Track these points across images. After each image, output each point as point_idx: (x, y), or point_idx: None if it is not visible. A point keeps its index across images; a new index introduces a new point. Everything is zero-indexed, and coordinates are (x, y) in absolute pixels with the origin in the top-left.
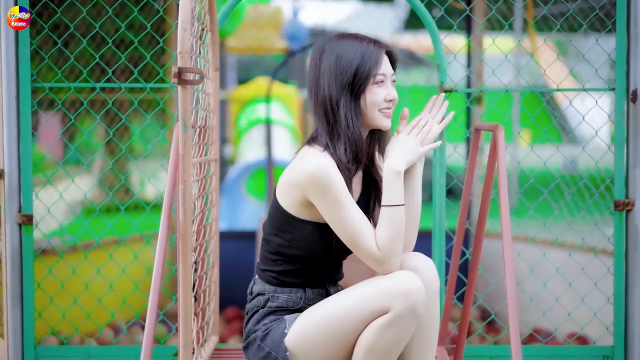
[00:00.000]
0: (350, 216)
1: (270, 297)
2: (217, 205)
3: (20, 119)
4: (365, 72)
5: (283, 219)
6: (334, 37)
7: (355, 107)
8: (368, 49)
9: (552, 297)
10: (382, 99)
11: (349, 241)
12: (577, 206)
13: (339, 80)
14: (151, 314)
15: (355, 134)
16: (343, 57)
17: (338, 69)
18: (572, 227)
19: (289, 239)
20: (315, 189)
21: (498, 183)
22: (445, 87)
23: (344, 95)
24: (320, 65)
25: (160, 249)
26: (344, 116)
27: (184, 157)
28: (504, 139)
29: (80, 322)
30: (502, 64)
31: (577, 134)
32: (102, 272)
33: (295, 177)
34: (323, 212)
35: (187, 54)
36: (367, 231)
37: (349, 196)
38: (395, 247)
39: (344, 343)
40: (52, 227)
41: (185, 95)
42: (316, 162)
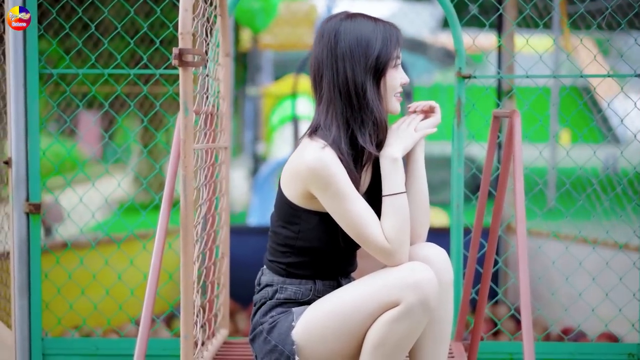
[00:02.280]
0: (354, 209)
1: (278, 288)
2: (227, 194)
3: (27, 105)
4: (387, 54)
5: (289, 210)
6: (343, 17)
7: (377, 91)
8: (386, 30)
9: (582, 295)
10: (398, 83)
11: (354, 234)
12: (613, 209)
13: (362, 63)
14: (147, 308)
15: (382, 118)
16: (363, 39)
17: (360, 51)
18: (605, 225)
19: (296, 230)
20: (316, 182)
21: (513, 170)
22: (463, 73)
23: (368, 79)
24: (336, 48)
25: (159, 238)
26: (371, 101)
27: (185, 141)
28: (520, 125)
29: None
30: (536, 62)
31: (618, 134)
32: (114, 265)
33: (297, 169)
34: (326, 205)
35: (187, 34)
36: (372, 223)
37: (352, 188)
38: (402, 237)
39: (352, 336)
40: (89, 223)
41: (186, 77)
42: (315, 154)
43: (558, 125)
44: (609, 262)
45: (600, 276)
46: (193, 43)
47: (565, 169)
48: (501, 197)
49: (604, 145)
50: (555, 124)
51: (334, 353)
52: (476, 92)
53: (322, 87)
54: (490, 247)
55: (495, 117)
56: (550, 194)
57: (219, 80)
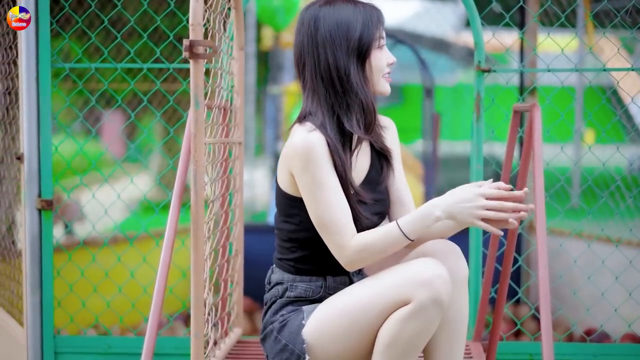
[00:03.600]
0: (327, 199)
1: (288, 286)
2: (241, 190)
3: (39, 100)
4: (370, 36)
5: (287, 203)
6: (322, 3)
7: (363, 74)
8: (367, 12)
9: (606, 295)
10: (384, 64)
11: (318, 224)
12: (638, 207)
13: (344, 47)
14: (155, 306)
15: (368, 101)
16: (343, 23)
17: (341, 35)
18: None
19: (297, 222)
20: (296, 163)
21: (533, 165)
22: (483, 67)
23: (351, 62)
24: (316, 34)
25: (168, 235)
26: (355, 84)
27: (196, 135)
28: (540, 119)
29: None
30: (557, 59)
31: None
32: (128, 263)
33: (285, 153)
34: (301, 189)
35: (198, 25)
36: (341, 219)
37: (334, 179)
38: (365, 258)
39: (363, 335)
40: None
41: (197, 69)
42: (303, 136)
43: (583, 123)
44: (633, 261)
45: (624, 275)
46: (207, 36)
47: (590, 168)
48: None
49: (629, 143)
50: (580, 122)
51: (345, 352)
52: (498, 90)
53: (305, 76)
54: (509, 245)
55: (515, 111)
56: (574, 193)
57: (233, 74)
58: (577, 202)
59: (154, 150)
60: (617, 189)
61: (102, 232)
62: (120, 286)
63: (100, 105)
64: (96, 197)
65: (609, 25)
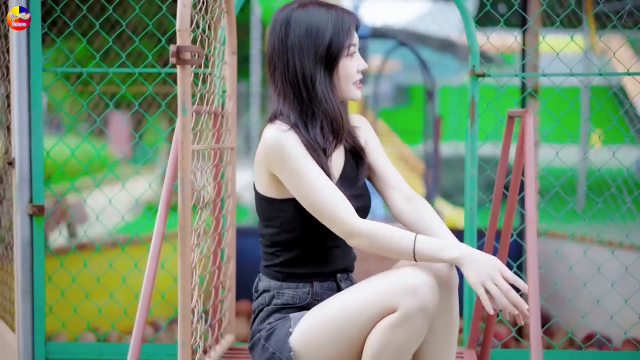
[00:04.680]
0: (315, 182)
1: (275, 293)
2: (233, 195)
3: (31, 105)
4: (339, 44)
5: (266, 206)
6: (296, 6)
7: (330, 82)
8: (338, 18)
9: (613, 300)
10: (354, 71)
11: (318, 210)
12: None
13: (312, 54)
14: (141, 311)
15: (334, 110)
16: (313, 29)
17: (310, 42)
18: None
19: (278, 224)
20: (274, 159)
21: (524, 171)
22: (477, 72)
23: (318, 70)
24: (286, 39)
25: (155, 242)
26: (321, 93)
27: (183, 142)
28: (532, 124)
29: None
30: (552, 60)
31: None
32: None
33: (259, 154)
34: (287, 184)
35: (186, 31)
36: (336, 196)
37: (315, 165)
38: (369, 244)
39: (351, 343)
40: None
41: (184, 75)
42: (275, 133)
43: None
44: (631, 265)
45: (625, 280)
46: (195, 41)
47: (595, 170)
48: (513, 198)
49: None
50: (585, 125)
51: (332, 359)
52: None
53: (275, 79)
54: (502, 251)
55: (510, 116)
56: (579, 196)
57: (225, 79)
58: (580, 204)
59: (158, 151)
60: (619, 191)
61: (108, 233)
62: (111, 292)
63: (101, 106)
64: (104, 198)
65: (609, 26)
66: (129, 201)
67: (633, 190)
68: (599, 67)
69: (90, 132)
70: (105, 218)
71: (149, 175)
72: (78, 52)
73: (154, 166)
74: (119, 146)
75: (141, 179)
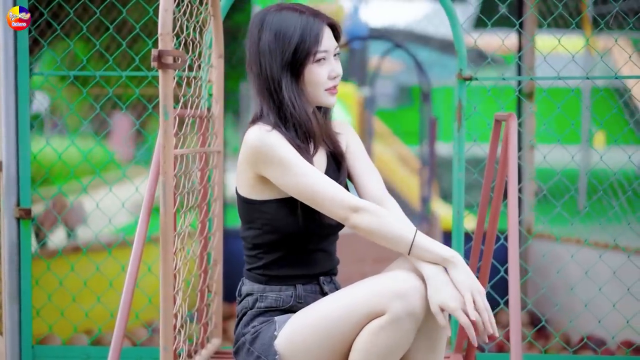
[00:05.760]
0: (307, 171)
1: (258, 296)
2: (220, 199)
3: (18, 109)
4: (305, 50)
5: (248, 208)
6: (272, 9)
7: (297, 88)
8: (307, 24)
9: (607, 302)
10: (324, 78)
11: (319, 197)
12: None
13: (279, 59)
14: (122, 313)
15: (301, 115)
16: (281, 34)
17: (277, 47)
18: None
19: (259, 225)
20: (260, 158)
21: (507, 175)
22: (464, 75)
23: (285, 75)
24: (258, 43)
25: (137, 244)
26: (287, 98)
27: (164, 146)
28: (516, 128)
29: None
30: (541, 62)
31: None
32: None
33: (242, 155)
34: (278, 181)
35: (167, 35)
36: (333, 183)
37: (301, 158)
38: (370, 221)
39: (337, 346)
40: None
41: (165, 79)
42: (258, 133)
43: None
44: (623, 266)
45: (617, 281)
46: (179, 45)
47: (598, 170)
48: (498, 201)
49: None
50: (587, 126)
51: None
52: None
53: (253, 81)
54: (487, 255)
55: (497, 120)
56: (581, 198)
57: (212, 82)
58: (581, 206)
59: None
60: (614, 193)
61: (107, 235)
62: (98, 296)
63: (106, 109)
64: (101, 200)
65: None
66: (131, 203)
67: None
68: (587, 69)
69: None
70: (103, 220)
71: (144, 177)
72: (77, 55)
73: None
74: (122, 148)
75: (141, 181)
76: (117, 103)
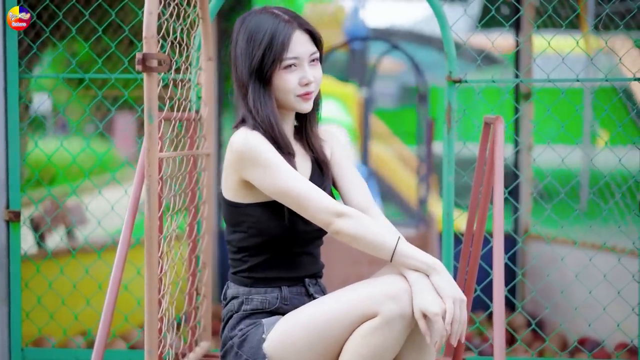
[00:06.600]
0: (295, 175)
1: (244, 299)
2: (209, 201)
3: (7, 111)
4: (271, 57)
5: (233, 212)
6: (254, 12)
7: (264, 94)
8: (277, 30)
9: (605, 303)
10: (293, 85)
11: (303, 199)
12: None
13: (247, 65)
14: (105, 317)
15: (264, 122)
16: (252, 39)
17: (247, 53)
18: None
19: (245, 229)
20: (245, 162)
21: (494, 178)
22: (454, 77)
23: (251, 81)
24: (235, 47)
25: (121, 247)
26: (252, 103)
27: (149, 149)
28: (502, 131)
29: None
30: (529, 65)
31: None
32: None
33: (227, 159)
34: (262, 184)
35: (152, 38)
36: (317, 189)
37: (286, 163)
38: (352, 226)
39: (328, 349)
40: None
41: (150, 82)
42: (243, 136)
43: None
44: (614, 269)
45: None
46: (165, 47)
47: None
48: (485, 204)
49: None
50: (589, 124)
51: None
52: (496, 94)
53: (234, 84)
54: (475, 257)
55: (486, 123)
56: (582, 198)
57: (202, 86)
58: (583, 207)
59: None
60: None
61: (103, 236)
62: (88, 299)
63: (103, 109)
64: (106, 202)
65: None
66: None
67: (635, 193)
68: (589, 69)
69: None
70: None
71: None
72: (82, 55)
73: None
74: (124, 149)
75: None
76: (118, 104)
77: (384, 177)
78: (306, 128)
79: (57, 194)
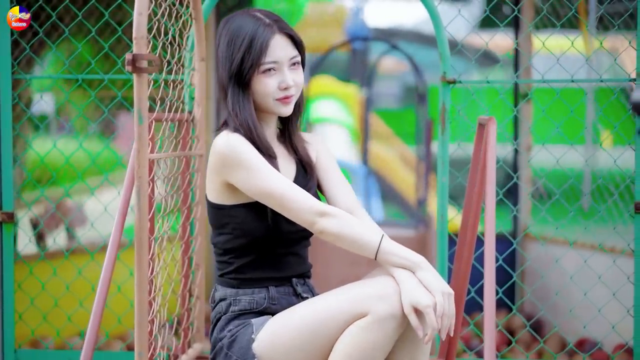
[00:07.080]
0: (278, 177)
1: (231, 301)
2: (202, 202)
3: (0, 110)
4: (249, 61)
5: (217, 214)
6: (238, 14)
7: (243, 97)
8: (257, 34)
9: (598, 305)
10: (272, 89)
11: (286, 200)
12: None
13: (227, 67)
14: (94, 319)
15: (243, 124)
16: (232, 42)
17: (227, 56)
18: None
19: (230, 230)
20: (228, 165)
21: (485, 178)
22: (448, 78)
23: (231, 84)
24: (218, 49)
25: (111, 249)
26: (231, 106)
27: (139, 151)
28: (495, 132)
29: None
30: (526, 65)
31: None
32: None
33: (211, 163)
34: (244, 186)
35: (142, 39)
36: (300, 190)
37: (268, 164)
38: (336, 225)
39: (318, 349)
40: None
41: (140, 83)
42: (224, 138)
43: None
44: (610, 270)
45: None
46: (156, 48)
47: (602, 169)
48: (478, 205)
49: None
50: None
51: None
52: (496, 95)
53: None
54: (467, 259)
55: (480, 124)
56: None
57: (194, 86)
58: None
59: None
60: (608, 194)
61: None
62: (81, 300)
63: (111, 111)
64: (100, 200)
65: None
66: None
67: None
68: (592, 69)
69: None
70: (100, 224)
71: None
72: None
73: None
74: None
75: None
76: (122, 104)
77: (385, 177)
78: (289, 130)
79: (61, 195)
